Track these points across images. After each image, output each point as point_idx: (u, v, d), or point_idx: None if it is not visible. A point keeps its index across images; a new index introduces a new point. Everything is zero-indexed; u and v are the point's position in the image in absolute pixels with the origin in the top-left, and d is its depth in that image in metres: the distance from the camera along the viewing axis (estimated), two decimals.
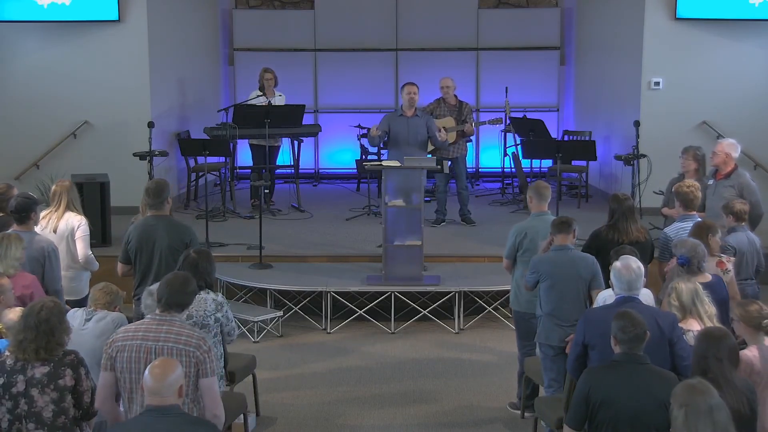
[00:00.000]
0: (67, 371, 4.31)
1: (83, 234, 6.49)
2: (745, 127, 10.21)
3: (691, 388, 3.70)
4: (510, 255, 6.41)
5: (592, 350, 4.73)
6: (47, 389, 4.26)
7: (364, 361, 7.46)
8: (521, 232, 6.33)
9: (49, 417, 4.27)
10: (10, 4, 10.45)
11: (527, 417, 6.26)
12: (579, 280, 5.69)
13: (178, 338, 4.27)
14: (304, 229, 10.07)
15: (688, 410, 3.63)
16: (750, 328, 4.56)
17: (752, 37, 10.60)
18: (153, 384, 3.80)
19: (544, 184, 6.53)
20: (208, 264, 5.24)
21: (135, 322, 4.50)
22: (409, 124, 9.10)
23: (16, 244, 5.44)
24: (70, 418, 4.32)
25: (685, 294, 4.90)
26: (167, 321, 4.34)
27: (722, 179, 7.28)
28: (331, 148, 13.45)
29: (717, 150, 7.39)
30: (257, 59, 12.58)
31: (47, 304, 4.40)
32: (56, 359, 4.31)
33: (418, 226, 8.05)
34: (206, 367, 4.26)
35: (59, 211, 6.52)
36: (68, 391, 4.30)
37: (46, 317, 4.31)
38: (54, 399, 4.27)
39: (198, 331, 4.43)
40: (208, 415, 4.24)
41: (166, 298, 4.38)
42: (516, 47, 13.39)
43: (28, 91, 10.70)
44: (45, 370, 4.28)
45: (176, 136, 11.19)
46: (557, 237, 5.80)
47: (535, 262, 5.83)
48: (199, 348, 4.25)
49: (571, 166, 11.53)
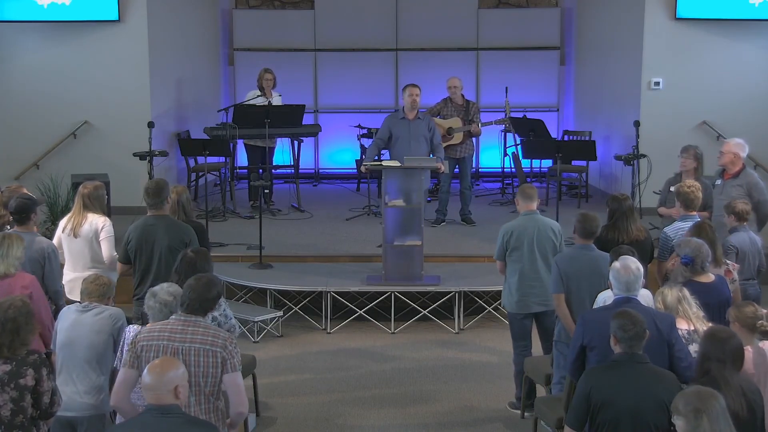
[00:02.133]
0: (29, 371, 4.31)
1: (107, 235, 6.47)
2: (745, 127, 10.19)
3: (704, 394, 3.70)
4: (500, 256, 6.44)
5: (591, 351, 4.71)
6: (7, 388, 4.27)
7: (364, 361, 7.46)
8: (508, 231, 6.36)
9: (7, 415, 4.26)
10: (10, 4, 10.45)
11: (527, 417, 6.26)
12: (601, 279, 5.68)
13: (204, 339, 4.27)
14: (304, 229, 10.07)
15: (709, 416, 3.63)
16: (744, 329, 4.57)
17: (752, 37, 10.60)
18: (149, 381, 3.81)
19: (528, 185, 6.61)
20: (205, 263, 5.24)
21: (159, 323, 4.46)
22: (411, 127, 8.96)
23: (17, 244, 5.45)
24: (27, 418, 4.32)
25: (670, 297, 4.92)
26: (192, 322, 4.33)
27: (730, 179, 7.29)
28: (331, 148, 13.45)
29: (724, 150, 7.38)
30: (257, 59, 12.58)
31: (16, 303, 4.41)
32: (19, 358, 4.32)
33: (418, 226, 8.05)
34: (233, 362, 4.28)
35: (77, 215, 6.48)
36: (28, 390, 4.30)
37: (13, 316, 4.33)
38: (13, 398, 4.27)
39: (224, 332, 4.44)
40: (233, 412, 4.28)
41: (190, 301, 4.36)
42: (516, 47, 13.39)
43: (28, 91, 10.70)
44: (6, 368, 4.29)
45: (176, 136, 11.20)
46: (576, 237, 5.83)
47: (557, 261, 5.83)
48: (225, 348, 4.27)
49: (571, 166, 11.53)
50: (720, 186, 7.32)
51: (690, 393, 3.75)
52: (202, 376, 4.22)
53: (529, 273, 6.31)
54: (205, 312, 4.41)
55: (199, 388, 4.22)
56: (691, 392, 3.75)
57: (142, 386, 3.87)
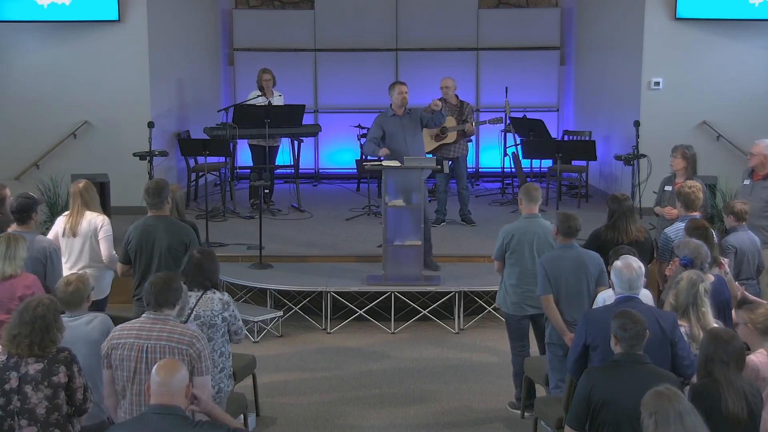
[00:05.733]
0: (61, 368, 4.32)
1: (106, 234, 6.47)
2: (745, 127, 10.22)
3: (659, 394, 3.68)
4: (499, 256, 6.43)
5: (593, 351, 4.71)
6: (41, 386, 4.28)
7: (364, 361, 7.46)
8: (509, 233, 6.34)
9: (42, 413, 4.27)
10: (10, 4, 10.45)
11: (527, 417, 6.26)
12: (586, 278, 5.69)
13: (171, 336, 4.32)
14: (304, 229, 10.07)
15: (657, 417, 3.62)
16: (757, 331, 4.52)
17: (752, 37, 10.60)
18: (162, 384, 3.80)
19: (534, 186, 6.55)
20: (212, 263, 5.25)
21: (132, 320, 4.53)
22: (403, 122, 8.81)
23: (22, 245, 5.45)
24: (63, 415, 4.33)
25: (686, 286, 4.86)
26: (161, 320, 4.41)
27: (760, 180, 7.31)
28: (331, 148, 13.45)
29: (754, 151, 7.40)
30: (257, 59, 12.57)
31: (44, 301, 4.41)
32: (50, 356, 4.33)
33: (418, 226, 8.05)
34: (201, 366, 4.31)
35: (75, 214, 6.48)
36: (62, 387, 4.31)
37: (42, 314, 4.33)
38: (47, 396, 4.28)
39: (191, 329, 4.47)
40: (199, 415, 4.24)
41: (154, 298, 4.45)
42: (516, 47, 13.40)
43: (28, 91, 10.70)
44: (39, 366, 4.30)
45: (176, 136, 11.20)
46: (559, 236, 5.83)
47: (543, 263, 5.83)
48: (192, 346, 4.30)
49: (571, 166, 11.53)
50: (749, 186, 7.36)
51: (652, 392, 3.72)
52: None
53: (527, 276, 6.30)
54: (172, 305, 4.47)
55: None
56: (654, 391, 3.72)
57: (153, 389, 3.84)
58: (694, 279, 4.85)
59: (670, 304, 4.88)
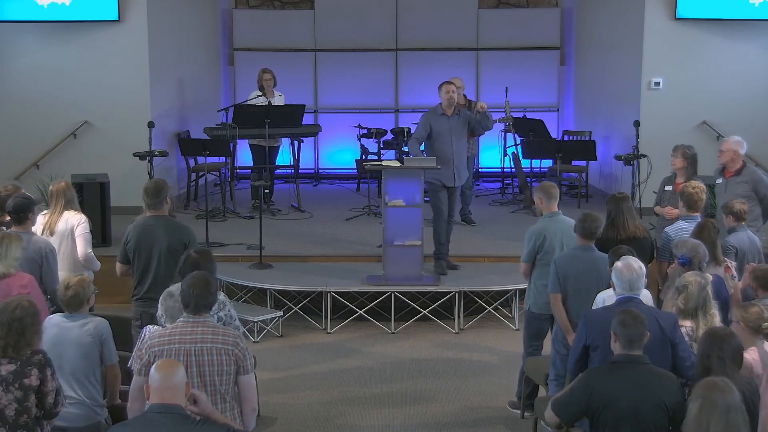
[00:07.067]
0: (33, 371, 4.30)
1: (83, 232, 6.47)
2: (745, 127, 10.18)
3: (713, 384, 3.69)
4: (530, 259, 6.31)
5: (593, 351, 4.70)
6: (11, 387, 4.26)
7: (364, 361, 7.46)
8: (540, 235, 6.25)
9: (12, 415, 4.25)
10: (10, 4, 10.45)
11: (527, 417, 6.25)
12: (597, 281, 5.66)
13: (215, 338, 4.26)
14: (304, 229, 10.07)
15: (703, 403, 3.62)
16: (749, 330, 4.54)
17: (752, 37, 10.60)
18: (163, 382, 3.78)
19: (551, 184, 6.49)
20: (209, 263, 5.22)
21: (168, 326, 4.43)
22: (451, 123, 8.58)
23: (16, 244, 5.44)
24: (32, 418, 4.31)
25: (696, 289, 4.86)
26: (201, 322, 4.31)
27: (733, 176, 7.30)
28: (331, 148, 13.45)
29: (723, 148, 7.40)
30: (257, 59, 12.58)
31: (23, 303, 4.40)
32: (23, 358, 4.31)
33: (418, 226, 8.05)
34: (246, 364, 4.29)
35: (56, 213, 6.49)
36: (33, 390, 4.29)
37: (19, 316, 4.32)
38: (18, 398, 4.26)
39: (233, 330, 4.45)
40: (246, 409, 4.29)
41: (194, 302, 4.32)
42: (516, 47, 13.39)
43: (28, 91, 10.70)
44: (11, 368, 4.28)
45: (176, 136, 11.20)
46: (578, 236, 5.81)
47: (557, 262, 5.81)
48: (236, 346, 4.27)
49: (571, 166, 11.54)
50: (722, 185, 7.33)
51: (708, 380, 3.74)
52: (217, 374, 4.21)
53: None
54: (209, 309, 4.40)
55: (215, 387, 4.21)
56: (709, 379, 3.74)
57: (154, 388, 3.83)
58: (703, 283, 4.86)
59: (678, 308, 4.86)
